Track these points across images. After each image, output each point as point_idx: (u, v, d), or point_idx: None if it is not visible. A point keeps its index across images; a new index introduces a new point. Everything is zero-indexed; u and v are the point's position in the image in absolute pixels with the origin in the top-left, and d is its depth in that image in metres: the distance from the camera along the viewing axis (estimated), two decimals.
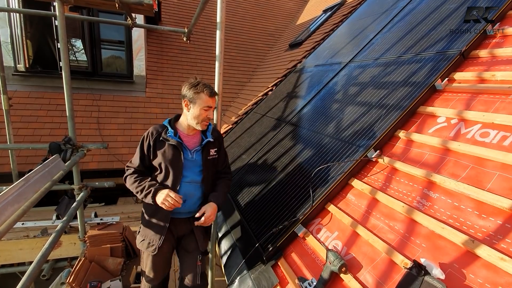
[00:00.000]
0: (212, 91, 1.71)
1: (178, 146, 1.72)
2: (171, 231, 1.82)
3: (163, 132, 1.74)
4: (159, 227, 1.76)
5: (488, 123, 1.45)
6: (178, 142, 1.72)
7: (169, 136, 1.72)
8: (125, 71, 5.33)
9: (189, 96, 1.70)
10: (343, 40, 3.83)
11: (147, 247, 1.81)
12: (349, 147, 1.91)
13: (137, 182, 1.71)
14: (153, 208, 1.73)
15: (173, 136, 1.72)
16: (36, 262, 1.58)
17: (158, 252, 1.79)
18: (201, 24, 6.89)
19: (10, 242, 3.31)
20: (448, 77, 1.84)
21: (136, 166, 1.78)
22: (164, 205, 1.60)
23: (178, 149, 1.72)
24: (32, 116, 4.43)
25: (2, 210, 1.25)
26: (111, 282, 2.49)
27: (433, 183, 1.40)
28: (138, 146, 1.77)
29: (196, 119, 1.71)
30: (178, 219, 1.82)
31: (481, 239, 1.10)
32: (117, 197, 4.75)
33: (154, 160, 1.75)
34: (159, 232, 1.76)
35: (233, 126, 4.33)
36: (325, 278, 1.33)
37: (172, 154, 1.71)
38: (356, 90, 2.45)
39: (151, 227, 1.79)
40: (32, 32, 4.66)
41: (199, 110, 1.69)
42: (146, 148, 1.75)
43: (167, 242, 1.81)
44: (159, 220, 1.76)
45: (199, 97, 1.68)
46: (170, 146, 1.72)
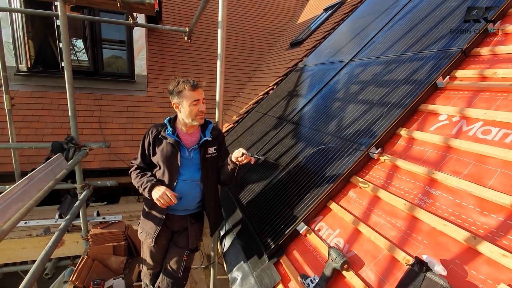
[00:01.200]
0: (193, 84, 1.72)
1: (175, 145, 1.77)
2: (166, 226, 1.89)
3: (162, 131, 1.79)
4: (155, 221, 1.84)
5: (489, 121, 1.45)
6: (175, 140, 1.76)
7: (167, 135, 1.77)
8: (127, 71, 5.34)
9: (174, 97, 1.74)
10: (344, 39, 3.83)
11: (145, 238, 1.90)
12: (350, 145, 1.91)
13: (138, 177, 1.78)
14: (151, 202, 1.79)
15: (171, 135, 1.77)
16: (39, 261, 1.59)
17: (155, 243, 1.87)
18: (202, 24, 6.89)
19: (13, 241, 3.33)
20: (449, 75, 1.84)
21: (138, 163, 1.85)
22: (159, 201, 1.65)
23: (175, 148, 1.77)
24: (34, 116, 4.45)
25: (6, 208, 1.26)
26: (114, 280, 2.51)
27: (435, 181, 1.41)
28: (140, 143, 1.85)
29: (189, 116, 1.74)
30: (174, 215, 1.88)
31: (483, 236, 1.10)
32: (119, 196, 4.77)
33: (153, 157, 1.82)
34: (155, 225, 1.84)
35: (235, 125, 4.34)
36: (327, 275, 1.34)
37: (169, 152, 1.77)
38: (358, 89, 2.45)
39: (149, 220, 1.87)
40: (33, 32, 4.67)
41: (188, 107, 1.71)
42: (147, 146, 1.82)
43: (164, 234, 1.90)
44: (155, 214, 1.84)
45: (183, 94, 1.71)
46: (168, 144, 1.77)
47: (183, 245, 1.94)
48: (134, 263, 2.93)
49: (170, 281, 1.90)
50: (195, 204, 1.91)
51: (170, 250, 1.97)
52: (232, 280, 1.82)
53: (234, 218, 2.30)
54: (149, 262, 1.97)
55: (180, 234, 1.95)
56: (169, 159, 1.76)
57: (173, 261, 1.92)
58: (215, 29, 6.12)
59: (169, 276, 1.91)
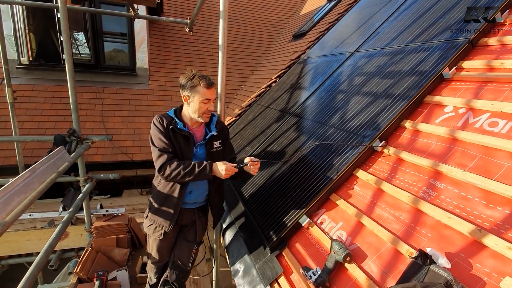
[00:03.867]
0: (209, 82, 1.68)
1: (190, 137, 1.74)
2: (176, 220, 1.87)
3: (172, 122, 1.72)
4: (169, 214, 1.81)
5: (497, 112, 1.42)
6: (189, 133, 1.73)
7: (180, 128, 1.71)
8: (128, 64, 5.31)
9: (187, 90, 1.69)
10: (348, 30, 3.76)
11: (153, 231, 1.87)
12: (354, 138, 1.89)
13: (183, 164, 1.64)
14: (164, 196, 1.78)
15: (183, 127, 1.72)
16: (43, 252, 1.60)
17: (164, 237, 1.86)
18: (203, 15, 6.81)
19: (18, 233, 3.37)
20: (456, 65, 1.80)
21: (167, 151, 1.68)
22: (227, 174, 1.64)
23: (189, 140, 1.74)
24: (37, 109, 4.45)
25: (8, 201, 1.26)
26: (118, 272, 2.53)
27: (440, 173, 1.38)
28: (156, 132, 1.70)
29: (197, 112, 1.70)
30: (184, 209, 1.88)
31: (489, 229, 1.08)
32: (122, 190, 4.79)
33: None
34: (169, 219, 1.80)
35: (237, 118, 4.32)
36: (329, 268, 1.34)
37: (183, 144, 1.73)
38: (362, 80, 2.41)
39: (161, 213, 1.82)
40: (35, 24, 4.64)
41: (199, 104, 1.68)
42: (165, 133, 1.69)
43: (173, 228, 1.87)
44: (169, 207, 1.80)
45: (197, 90, 1.66)
46: (181, 136, 1.73)
47: (192, 239, 1.94)
48: (137, 255, 2.95)
49: (179, 274, 1.90)
50: (204, 197, 1.91)
51: (180, 244, 1.96)
52: (235, 272, 1.83)
53: (236, 211, 2.30)
54: (155, 255, 1.96)
55: (189, 228, 1.95)
56: (183, 151, 1.73)
57: (184, 255, 1.92)
58: (216, 21, 6.05)
59: (179, 269, 1.90)
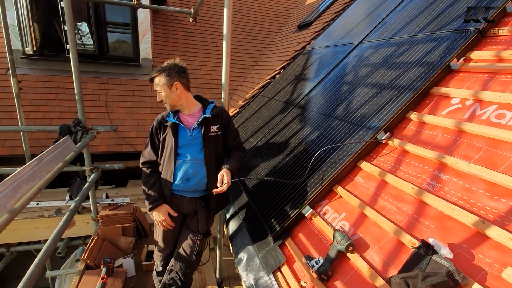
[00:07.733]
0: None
1: (174, 126, 1.83)
2: (177, 208, 1.93)
3: (163, 116, 1.90)
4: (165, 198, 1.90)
5: (504, 104, 1.40)
6: (172, 122, 1.82)
7: (168, 119, 1.84)
8: (132, 54, 5.29)
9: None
10: (354, 20, 3.69)
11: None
12: (358, 129, 1.88)
13: (147, 183, 1.90)
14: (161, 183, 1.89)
15: (171, 118, 1.83)
16: (51, 239, 1.64)
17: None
18: (207, 5, 6.72)
19: (26, 221, 3.44)
20: (464, 56, 1.77)
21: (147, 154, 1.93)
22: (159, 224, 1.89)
23: (175, 129, 1.83)
24: (42, 100, 4.48)
25: (17, 188, 1.28)
26: (124, 259, 2.59)
27: (445, 165, 1.38)
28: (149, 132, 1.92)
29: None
30: (183, 197, 1.91)
31: (492, 220, 1.08)
32: (127, 180, 4.84)
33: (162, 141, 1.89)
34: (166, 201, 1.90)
35: (240, 109, 4.31)
36: (332, 257, 1.35)
37: (171, 133, 1.83)
38: (367, 71, 2.38)
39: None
40: (38, 14, 4.63)
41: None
42: (154, 131, 1.90)
43: (176, 217, 1.93)
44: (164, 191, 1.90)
45: None
46: (168, 127, 1.84)
47: (195, 229, 1.96)
48: (142, 244, 3.01)
49: (183, 265, 1.92)
50: (204, 185, 1.89)
51: (183, 233, 1.99)
52: (238, 261, 1.86)
53: (240, 201, 2.32)
54: (161, 243, 1.99)
55: (192, 218, 1.97)
56: (170, 141, 1.84)
57: (187, 245, 1.94)
58: (220, 10, 5.96)
59: (182, 260, 1.93)
